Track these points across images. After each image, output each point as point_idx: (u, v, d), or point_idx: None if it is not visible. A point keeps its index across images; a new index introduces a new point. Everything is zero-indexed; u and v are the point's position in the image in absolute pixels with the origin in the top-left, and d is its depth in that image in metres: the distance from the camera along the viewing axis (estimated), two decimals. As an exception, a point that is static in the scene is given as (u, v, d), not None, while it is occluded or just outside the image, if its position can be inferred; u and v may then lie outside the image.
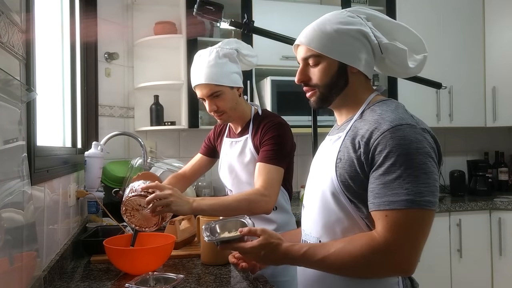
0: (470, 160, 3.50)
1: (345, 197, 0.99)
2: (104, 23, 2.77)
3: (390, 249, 0.91)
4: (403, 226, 0.90)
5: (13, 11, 1.01)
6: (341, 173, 1.00)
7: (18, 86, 0.96)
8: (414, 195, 0.90)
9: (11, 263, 0.83)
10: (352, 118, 1.08)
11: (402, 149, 0.92)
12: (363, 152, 0.96)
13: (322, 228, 1.05)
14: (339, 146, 1.04)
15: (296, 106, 2.72)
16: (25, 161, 0.97)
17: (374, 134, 0.96)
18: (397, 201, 0.90)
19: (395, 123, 0.95)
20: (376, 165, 0.94)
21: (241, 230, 1.04)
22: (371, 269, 0.95)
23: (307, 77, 1.10)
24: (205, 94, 1.60)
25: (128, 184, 1.60)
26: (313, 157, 1.25)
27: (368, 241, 0.93)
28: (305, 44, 1.07)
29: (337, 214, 1.01)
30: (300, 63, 1.12)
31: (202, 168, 1.90)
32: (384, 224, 0.91)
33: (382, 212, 0.92)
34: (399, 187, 0.90)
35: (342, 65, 1.06)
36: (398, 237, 0.90)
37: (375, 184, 0.94)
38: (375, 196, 0.93)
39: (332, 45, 1.04)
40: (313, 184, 1.12)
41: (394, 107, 1.04)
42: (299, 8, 2.92)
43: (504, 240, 2.86)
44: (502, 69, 3.21)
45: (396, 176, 0.91)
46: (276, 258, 1.02)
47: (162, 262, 1.40)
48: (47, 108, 1.74)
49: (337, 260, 0.95)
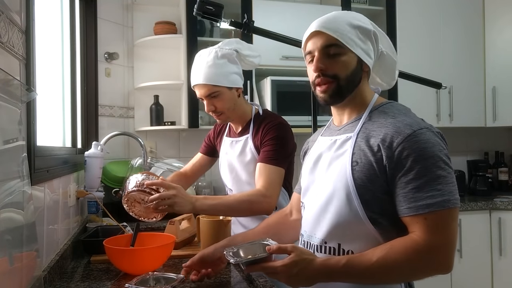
0: (470, 160, 3.51)
1: (358, 199, 0.98)
2: (104, 23, 2.78)
3: (433, 250, 0.92)
4: (443, 227, 0.93)
5: (13, 11, 1.01)
6: (359, 176, 0.99)
7: (18, 86, 0.96)
8: (448, 195, 0.93)
9: (11, 263, 0.83)
10: (358, 119, 1.07)
11: (428, 152, 0.94)
12: (386, 155, 0.96)
13: (330, 229, 1.03)
14: (351, 148, 1.03)
15: (296, 106, 2.72)
16: (25, 161, 0.97)
17: (396, 138, 0.96)
18: (435, 203, 0.92)
19: (416, 127, 0.97)
20: (404, 170, 0.95)
21: (269, 248, 0.97)
22: (417, 273, 0.96)
23: (326, 66, 1.04)
24: (203, 94, 1.61)
25: (130, 175, 1.58)
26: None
27: (412, 245, 0.93)
28: (330, 32, 1.03)
29: (348, 216, 1.00)
30: (315, 53, 1.05)
31: (203, 167, 1.91)
32: (425, 227, 0.93)
33: (421, 216, 0.93)
34: (433, 189, 0.93)
35: (360, 61, 1.06)
36: (440, 238, 0.93)
37: (407, 189, 0.94)
38: (410, 201, 0.94)
39: (354, 39, 1.04)
40: (319, 185, 1.10)
41: (405, 110, 1.06)
42: (299, 8, 2.92)
43: (504, 240, 2.86)
44: (502, 69, 3.21)
45: (428, 179, 0.93)
46: (311, 274, 0.96)
47: (162, 262, 1.40)
48: (47, 108, 1.74)
49: (382, 269, 0.93)
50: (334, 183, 1.03)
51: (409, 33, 3.10)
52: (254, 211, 1.49)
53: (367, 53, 1.06)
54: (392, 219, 0.98)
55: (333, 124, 1.18)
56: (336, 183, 1.03)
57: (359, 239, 1.00)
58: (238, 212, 1.54)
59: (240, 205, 1.46)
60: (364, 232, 0.99)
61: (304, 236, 1.13)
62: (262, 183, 1.51)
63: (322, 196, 1.07)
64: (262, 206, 1.48)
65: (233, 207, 1.46)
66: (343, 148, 1.05)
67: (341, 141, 1.07)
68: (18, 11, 1.07)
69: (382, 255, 0.94)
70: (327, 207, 1.04)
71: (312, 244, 1.09)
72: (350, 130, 1.07)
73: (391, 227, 0.98)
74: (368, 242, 0.99)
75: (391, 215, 0.98)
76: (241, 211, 1.51)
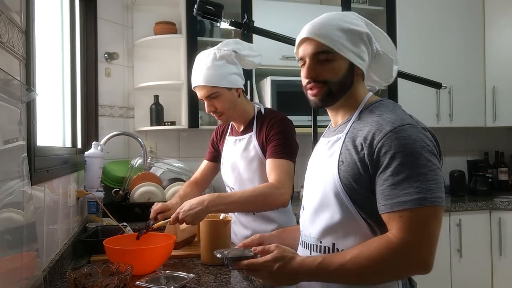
0: (470, 160, 3.50)
1: (348, 199, 0.99)
2: (104, 23, 2.78)
3: (408, 249, 0.90)
4: (418, 225, 0.91)
5: (13, 11, 1.01)
6: (344, 175, 0.99)
7: (18, 86, 0.96)
8: (425, 192, 0.91)
9: (11, 263, 0.83)
10: (349, 120, 1.08)
11: (408, 149, 0.92)
12: (367, 154, 0.96)
13: (323, 229, 1.04)
14: (340, 148, 1.03)
15: (296, 106, 2.72)
16: (25, 161, 0.97)
17: (376, 136, 0.96)
18: (410, 201, 0.91)
19: (397, 124, 0.96)
20: (382, 166, 0.94)
21: (255, 248, 1.01)
22: (391, 272, 0.94)
23: (317, 72, 1.06)
24: (202, 95, 1.63)
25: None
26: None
27: (385, 244, 0.92)
28: (319, 38, 1.04)
29: (339, 215, 1.01)
30: (306, 59, 1.07)
31: (212, 172, 1.93)
32: (399, 225, 0.91)
33: (396, 213, 0.92)
34: (409, 186, 0.91)
35: (351, 65, 1.06)
36: (415, 236, 0.90)
37: (384, 186, 0.94)
38: (386, 198, 0.93)
39: (345, 44, 1.04)
40: (313, 186, 1.12)
41: (392, 107, 1.05)
42: (299, 8, 2.92)
43: (504, 240, 2.86)
44: (502, 69, 3.21)
45: (405, 176, 0.92)
46: (290, 272, 0.97)
47: (162, 262, 1.40)
48: (47, 108, 1.74)
49: (355, 267, 0.92)
50: (324, 184, 1.04)
51: (409, 33, 3.10)
52: (269, 204, 1.51)
53: (360, 56, 1.06)
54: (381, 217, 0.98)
55: (331, 125, 1.19)
56: (326, 183, 1.04)
57: (353, 237, 1.00)
58: (254, 206, 1.55)
59: (255, 200, 1.48)
60: (358, 230, 0.99)
61: (301, 236, 1.15)
62: (274, 176, 1.53)
63: (315, 197, 1.08)
64: (276, 198, 1.49)
65: (248, 201, 1.48)
66: (333, 149, 1.06)
67: (332, 142, 1.08)
68: (18, 11, 1.07)
69: (356, 253, 0.93)
70: (319, 207, 1.06)
71: (308, 243, 1.10)
72: (340, 131, 1.08)
73: (384, 225, 0.97)
74: (362, 240, 0.98)
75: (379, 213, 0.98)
76: (257, 205, 1.53)
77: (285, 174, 1.53)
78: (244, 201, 1.48)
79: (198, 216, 1.41)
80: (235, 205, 1.49)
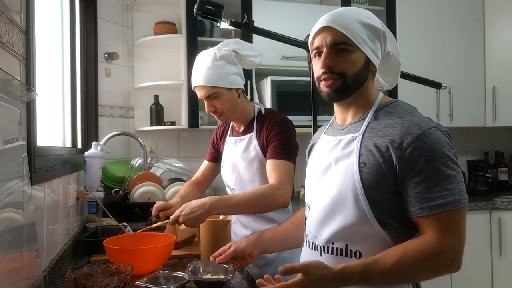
0: (470, 160, 3.50)
1: (366, 201, 0.98)
2: (104, 23, 2.78)
3: (446, 250, 0.92)
4: (454, 226, 0.93)
5: (13, 11, 1.01)
6: (367, 177, 0.98)
7: (18, 86, 0.96)
8: (459, 194, 0.93)
9: (11, 263, 0.83)
10: (363, 118, 1.06)
11: (438, 152, 0.94)
12: (396, 156, 0.95)
13: (337, 230, 1.02)
14: (358, 149, 1.01)
15: (296, 106, 2.72)
16: (25, 161, 0.97)
17: (405, 139, 0.95)
18: (447, 203, 0.92)
19: (425, 127, 0.96)
20: (415, 170, 0.94)
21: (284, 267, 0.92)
22: (431, 274, 0.95)
23: (334, 63, 1.02)
24: (202, 95, 1.63)
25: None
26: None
27: (426, 247, 0.92)
28: (340, 28, 1.01)
29: (355, 217, 0.99)
30: (323, 48, 1.04)
31: (212, 173, 1.93)
32: (438, 227, 0.93)
33: (433, 216, 0.93)
34: (444, 189, 0.92)
35: (367, 60, 1.05)
36: (452, 237, 0.92)
37: (419, 189, 0.94)
38: (423, 201, 0.93)
39: (364, 38, 1.03)
40: (323, 185, 1.08)
41: (410, 109, 1.06)
42: (299, 8, 2.91)
43: (504, 240, 2.86)
44: (502, 69, 3.21)
45: (438, 179, 0.93)
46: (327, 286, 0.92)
47: (162, 262, 1.40)
48: (47, 108, 1.74)
49: (398, 273, 0.93)
50: (341, 185, 1.02)
51: (409, 33, 3.10)
52: (270, 205, 1.51)
53: (375, 53, 1.05)
54: (400, 220, 0.98)
55: (336, 123, 1.16)
56: (343, 184, 1.01)
57: (367, 240, 0.99)
58: (255, 208, 1.55)
59: (257, 201, 1.48)
60: (372, 232, 0.98)
61: (309, 237, 1.12)
62: (274, 177, 1.53)
63: (328, 197, 1.05)
64: (277, 199, 1.49)
65: (250, 203, 1.48)
66: (349, 148, 1.04)
67: (346, 141, 1.06)
68: (18, 11, 1.07)
69: (397, 259, 0.92)
70: (333, 208, 1.03)
71: (317, 245, 1.07)
72: (355, 130, 1.06)
73: (399, 228, 0.98)
74: (376, 242, 0.98)
75: (399, 215, 0.97)
76: (258, 206, 1.53)
77: (285, 175, 1.53)
78: (245, 203, 1.48)
79: (199, 219, 1.41)
80: (237, 208, 1.49)
